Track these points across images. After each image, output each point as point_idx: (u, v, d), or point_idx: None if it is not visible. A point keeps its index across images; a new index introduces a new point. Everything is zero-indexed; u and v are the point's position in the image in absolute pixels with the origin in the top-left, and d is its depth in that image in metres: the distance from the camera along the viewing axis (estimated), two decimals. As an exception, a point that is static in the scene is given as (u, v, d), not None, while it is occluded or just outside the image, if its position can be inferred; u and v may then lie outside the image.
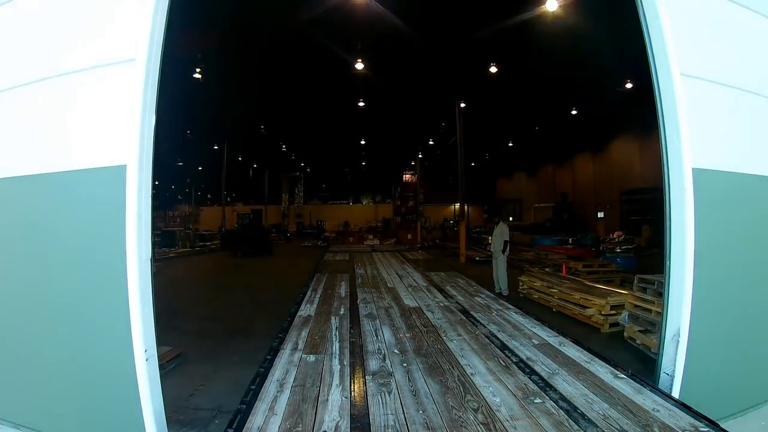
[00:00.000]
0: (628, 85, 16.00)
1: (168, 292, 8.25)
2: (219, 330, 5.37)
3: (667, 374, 3.13)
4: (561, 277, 7.49)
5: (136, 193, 2.60)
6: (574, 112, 20.07)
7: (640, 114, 19.03)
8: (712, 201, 3.12)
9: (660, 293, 4.23)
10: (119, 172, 2.61)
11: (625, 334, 4.76)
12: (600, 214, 22.47)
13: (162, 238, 18.87)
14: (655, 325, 4.20)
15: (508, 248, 7.71)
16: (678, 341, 3.02)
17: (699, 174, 3.07)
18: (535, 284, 7.05)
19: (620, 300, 5.26)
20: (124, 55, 2.74)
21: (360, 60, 13.58)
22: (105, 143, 2.72)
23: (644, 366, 4.18)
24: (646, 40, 3.29)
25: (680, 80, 3.10)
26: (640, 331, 4.54)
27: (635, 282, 4.91)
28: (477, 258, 13.23)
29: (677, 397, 2.99)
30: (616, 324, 5.11)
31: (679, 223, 3.10)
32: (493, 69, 14.00)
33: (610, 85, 16.48)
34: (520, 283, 7.47)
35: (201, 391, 3.86)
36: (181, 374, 4.06)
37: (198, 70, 13.90)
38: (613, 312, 5.12)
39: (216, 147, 27.24)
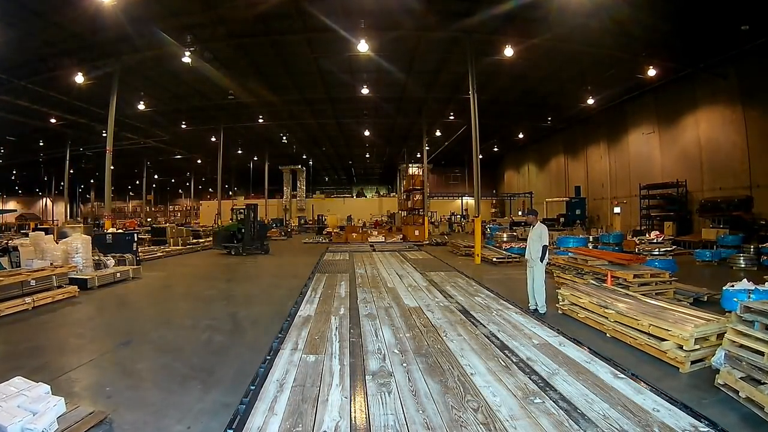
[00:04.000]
0: (650, 72, 15.92)
1: (132, 305, 7.77)
2: (174, 371, 4.24)
3: None
4: (615, 292, 6.32)
5: None
6: (590, 101, 20.00)
7: (659, 103, 19.11)
8: None
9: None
10: None
11: (718, 380, 3.71)
12: (617, 209, 22.48)
13: (152, 235, 19.07)
14: (766, 373, 3.34)
15: (547, 255, 6.58)
16: None
17: None
18: (581, 300, 5.98)
19: (706, 330, 4.26)
20: None
21: (365, 40, 13.07)
22: None
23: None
24: None
25: None
26: (743, 378, 3.50)
27: (738, 311, 3.92)
28: (494, 259, 12.46)
29: None
30: (699, 360, 4.20)
31: None
32: (507, 51, 13.69)
33: (629, 72, 16.41)
34: (560, 297, 6.49)
35: None
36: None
37: (188, 54, 13.73)
38: (696, 347, 4.18)
39: (214, 138, 27.34)
